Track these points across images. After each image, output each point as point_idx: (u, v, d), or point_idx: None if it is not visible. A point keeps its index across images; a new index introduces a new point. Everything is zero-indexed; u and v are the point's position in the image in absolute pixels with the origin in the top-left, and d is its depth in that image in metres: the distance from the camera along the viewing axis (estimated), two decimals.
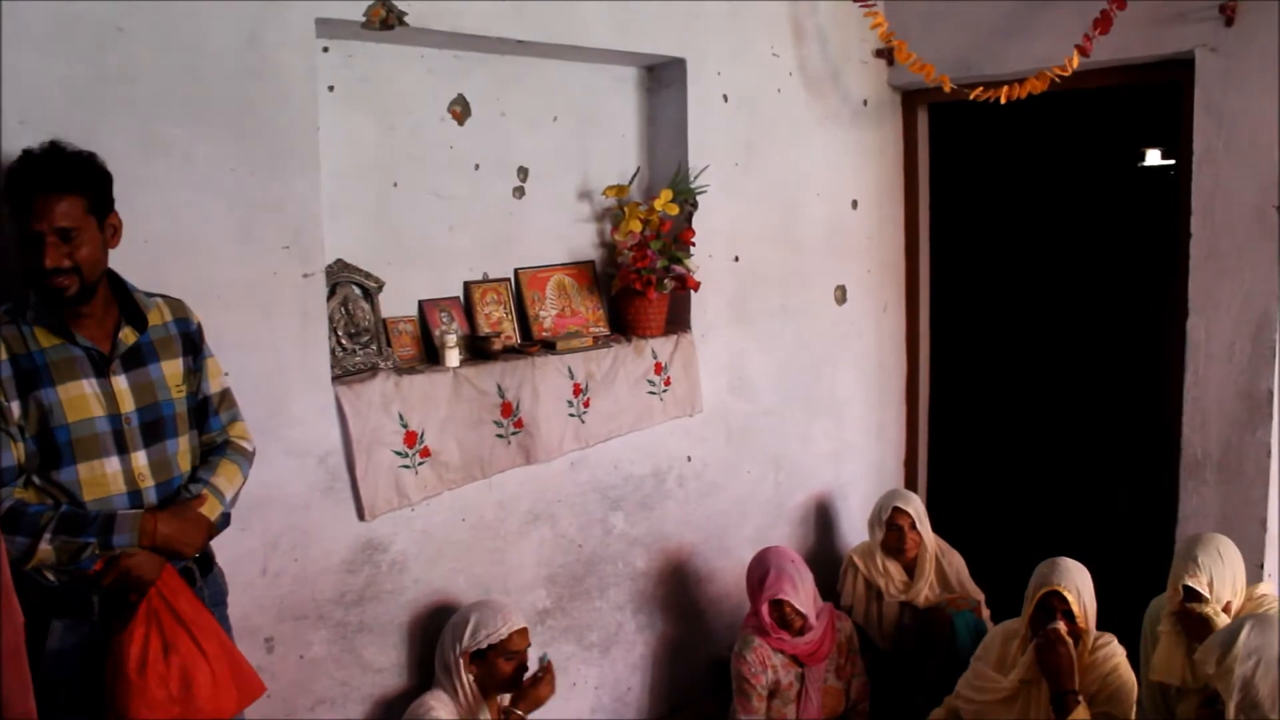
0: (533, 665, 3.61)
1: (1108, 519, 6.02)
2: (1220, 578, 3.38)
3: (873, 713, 4.27)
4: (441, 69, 3.82)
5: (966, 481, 6.28)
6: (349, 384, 3.42)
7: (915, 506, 4.58)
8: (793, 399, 4.95)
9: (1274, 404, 4.05)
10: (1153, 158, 8.08)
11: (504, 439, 3.84)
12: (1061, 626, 3.46)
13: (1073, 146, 7.73)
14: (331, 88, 3.52)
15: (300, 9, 3.20)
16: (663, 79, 4.42)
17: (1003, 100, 4.33)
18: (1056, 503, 6.54)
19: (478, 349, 3.87)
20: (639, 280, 4.15)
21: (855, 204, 5.14)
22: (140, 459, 2.63)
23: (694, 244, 4.35)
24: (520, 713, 3.48)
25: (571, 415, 4.05)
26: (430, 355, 3.79)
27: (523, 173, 4.07)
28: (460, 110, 3.88)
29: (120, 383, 2.61)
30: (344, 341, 3.51)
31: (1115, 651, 3.57)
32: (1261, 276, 4.03)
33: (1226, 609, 3.40)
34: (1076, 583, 3.52)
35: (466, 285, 3.97)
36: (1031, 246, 7.93)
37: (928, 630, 4.43)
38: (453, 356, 3.72)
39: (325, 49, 3.48)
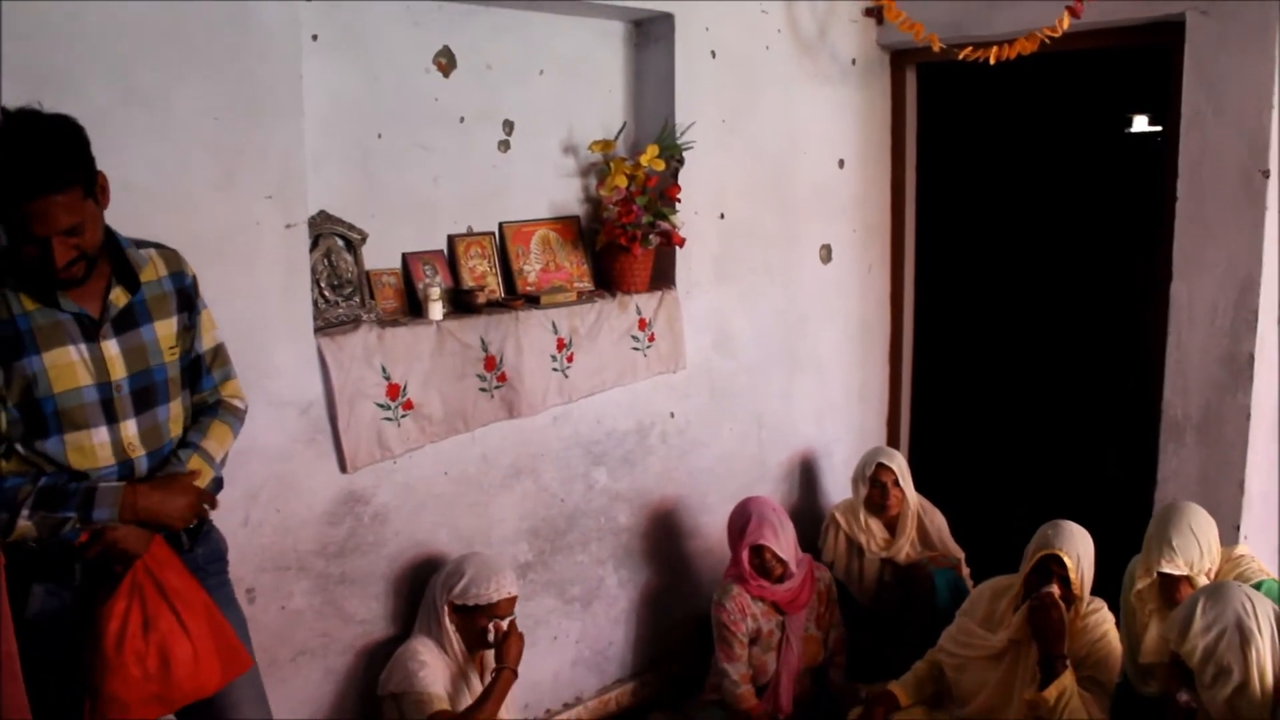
0: None
1: (1090, 480, 6.05)
2: (1197, 555, 3.38)
3: (851, 667, 4.31)
4: (427, 20, 3.78)
5: (948, 441, 6.31)
6: (331, 336, 3.42)
7: (899, 463, 4.61)
8: (776, 357, 4.95)
9: (1254, 368, 4.06)
10: (1140, 124, 8.08)
11: (487, 392, 3.84)
12: (1055, 590, 3.48)
13: (1060, 111, 7.72)
14: (315, 37, 3.48)
15: None
16: (650, 34, 4.39)
17: (991, 60, 4.32)
18: (1039, 464, 6.58)
19: (461, 302, 3.86)
20: (624, 236, 4.14)
21: (842, 163, 5.12)
22: (130, 428, 2.53)
23: (679, 200, 4.34)
24: (514, 670, 3.48)
25: (555, 370, 4.05)
26: (413, 308, 3.78)
27: (508, 126, 4.05)
28: (445, 62, 3.85)
29: (111, 348, 2.49)
30: (326, 293, 3.49)
31: (1105, 618, 3.60)
32: (1246, 241, 4.03)
33: (1206, 574, 3.42)
34: (1078, 549, 3.53)
35: (450, 238, 3.96)
36: (1018, 210, 7.93)
37: (908, 587, 4.47)
38: (436, 309, 3.71)
39: None
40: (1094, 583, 3.63)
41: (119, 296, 2.51)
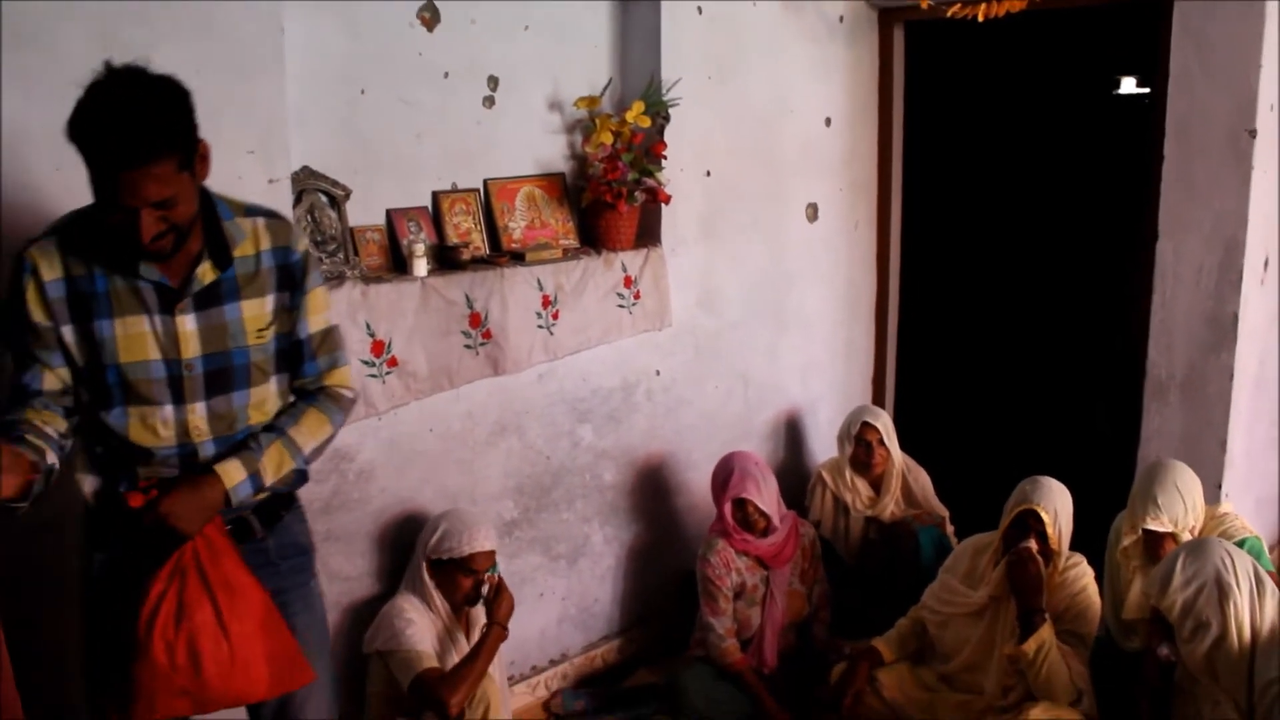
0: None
1: (1075, 439, 6.08)
2: (1182, 512, 3.42)
3: (836, 624, 4.34)
4: None
5: (933, 400, 6.32)
6: None
7: (884, 422, 4.62)
8: (762, 315, 4.95)
9: (1238, 327, 4.08)
10: (1128, 86, 8.06)
11: (472, 349, 3.83)
12: (1033, 545, 3.50)
13: (1049, 71, 7.69)
14: None
15: None
16: None
17: (980, 18, 4.29)
18: (1024, 423, 6.59)
19: (446, 259, 3.84)
20: (609, 193, 4.12)
21: (829, 121, 5.10)
22: (199, 410, 2.37)
23: (665, 157, 4.31)
24: (504, 627, 3.47)
25: (540, 327, 4.04)
26: (398, 264, 3.76)
27: (493, 82, 4.02)
28: (429, 16, 3.81)
29: (187, 323, 2.32)
30: (310, 249, 3.46)
31: (1084, 573, 3.63)
32: (1232, 200, 4.03)
33: (1190, 531, 3.45)
34: (1055, 504, 3.55)
35: (435, 195, 3.93)
36: (1005, 169, 7.91)
37: (893, 545, 4.49)
38: (420, 266, 3.69)
39: None
40: (1079, 540, 3.66)
41: (206, 272, 2.33)
